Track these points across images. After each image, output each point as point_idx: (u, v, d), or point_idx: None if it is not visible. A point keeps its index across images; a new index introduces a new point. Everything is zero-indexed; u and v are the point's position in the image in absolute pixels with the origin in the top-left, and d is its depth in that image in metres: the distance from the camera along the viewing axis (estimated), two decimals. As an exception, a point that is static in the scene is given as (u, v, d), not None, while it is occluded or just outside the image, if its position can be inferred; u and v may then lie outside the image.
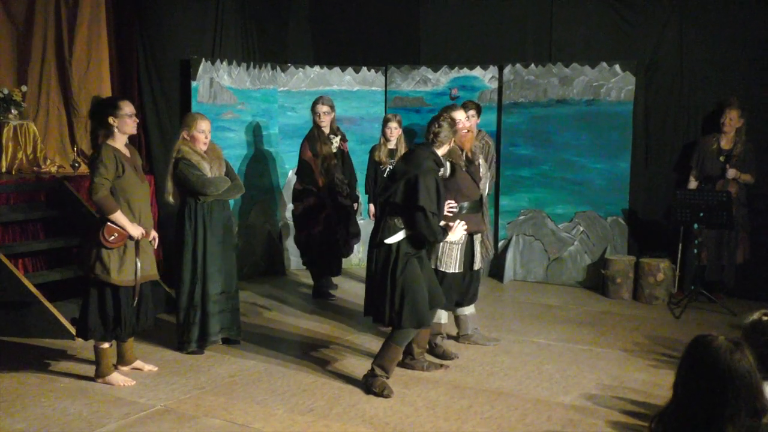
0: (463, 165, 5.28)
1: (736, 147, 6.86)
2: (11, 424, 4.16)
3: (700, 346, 2.19)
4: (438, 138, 4.77)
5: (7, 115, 6.84)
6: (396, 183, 4.69)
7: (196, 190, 5.24)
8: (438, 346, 5.40)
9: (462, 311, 5.62)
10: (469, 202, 5.30)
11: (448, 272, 5.29)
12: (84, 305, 4.77)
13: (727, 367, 2.10)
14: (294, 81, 8.43)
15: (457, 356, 5.37)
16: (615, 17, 7.68)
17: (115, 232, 4.63)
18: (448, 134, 4.79)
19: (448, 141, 4.82)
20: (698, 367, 2.16)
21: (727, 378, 2.10)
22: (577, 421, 4.28)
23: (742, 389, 2.08)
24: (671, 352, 5.55)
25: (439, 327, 5.42)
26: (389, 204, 4.70)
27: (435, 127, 4.79)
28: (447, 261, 5.28)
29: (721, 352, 2.13)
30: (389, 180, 4.85)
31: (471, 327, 5.68)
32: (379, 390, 4.61)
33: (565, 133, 7.75)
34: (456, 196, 5.20)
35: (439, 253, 5.27)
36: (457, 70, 8.25)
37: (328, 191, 6.97)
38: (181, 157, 5.23)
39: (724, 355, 2.13)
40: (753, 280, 7.07)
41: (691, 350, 2.21)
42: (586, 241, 7.74)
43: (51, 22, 7.21)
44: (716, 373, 2.11)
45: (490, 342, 5.68)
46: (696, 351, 2.19)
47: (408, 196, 4.60)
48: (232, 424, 4.21)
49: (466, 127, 5.30)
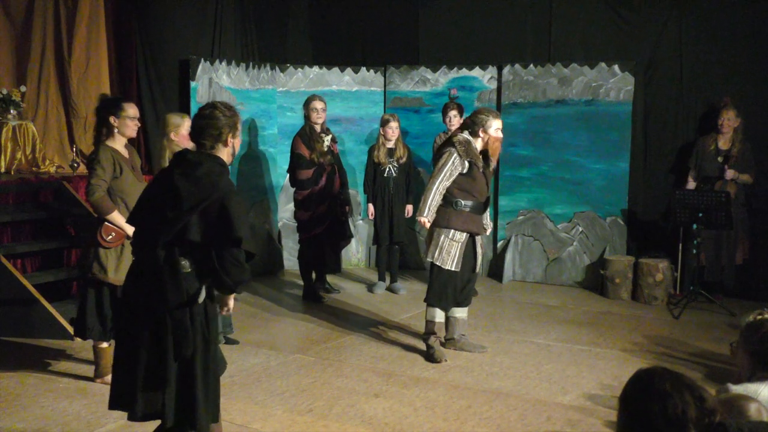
0: (481, 165, 5.27)
1: (734, 147, 6.87)
2: (10, 424, 4.16)
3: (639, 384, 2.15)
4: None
5: (6, 116, 6.82)
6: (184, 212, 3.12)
7: None
8: (431, 347, 5.32)
9: (454, 313, 5.51)
10: (474, 202, 5.28)
11: (444, 268, 5.25)
12: (82, 305, 4.77)
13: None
14: (293, 81, 8.43)
15: (447, 359, 5.28)
16: (614, 17, 7.68)
17: (112, 232, 4.65)
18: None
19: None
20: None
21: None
22: (577, 421, 4.28)
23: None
24: (670, 353, 5.56)
25: (432, 326, 5.36)
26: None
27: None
28: (445, 257, 5.24)
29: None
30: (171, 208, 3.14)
31: (458, 332, 5.56)
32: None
33: (564, 134, 7.76)
34: (465, 193, 5.22)
35: (438, 248, 5.23)
36: (456, 71, 8.25)
37: (325, 186, 6.98)
38: None
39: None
40: (752, 280, 7.08)
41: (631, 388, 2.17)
42: (585, 241, 7.74)
43: (50, 23, 7.20)
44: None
45: (476, 349, 5.55)
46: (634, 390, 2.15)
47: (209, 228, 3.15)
48: (231, 424, 4.20)
49: (500, 138, 5.34)
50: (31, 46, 7.17)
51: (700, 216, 6.49)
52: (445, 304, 5.38)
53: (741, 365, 2.98)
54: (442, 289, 5.31)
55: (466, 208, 5.25)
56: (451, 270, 5.26)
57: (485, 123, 5.27)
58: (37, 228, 6.34)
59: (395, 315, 6.57)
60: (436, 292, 5.33)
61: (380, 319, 6.28)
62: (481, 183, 5.30)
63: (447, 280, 5.29)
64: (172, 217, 3.09)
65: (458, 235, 5.23)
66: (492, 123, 5.27)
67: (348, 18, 9.06)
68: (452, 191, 5.23)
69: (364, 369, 5.16)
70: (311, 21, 9.26)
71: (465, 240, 5.28)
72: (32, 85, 7.18)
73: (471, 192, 5.25)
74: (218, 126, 3.24)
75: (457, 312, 5.52)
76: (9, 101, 6.83)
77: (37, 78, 7.21)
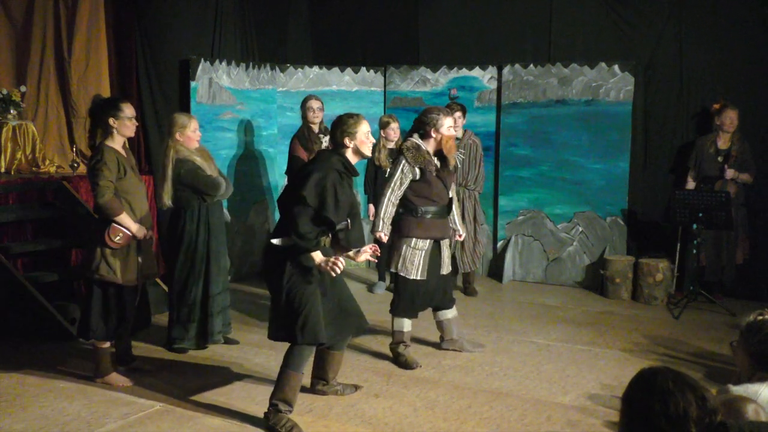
0: (434, 170, 5.09)
1: (733, 147, 6.87)
2: (10, 424, 4.16)
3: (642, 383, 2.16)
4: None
5: (6, 116, 6.83)
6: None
7: (207, 192, 5.26)
8: (401, 355, 5.24)
9: (443, 315, 5.44)
10: (436, 207, 5.15)
11: (409, 278, 5.13)
12: (86, 305, 4.77)
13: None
14: (293, 81, 8.44)
15: (420, 365, 5.18)
16: (614, 17, 7.68)
17: (120, 233, 4.65)
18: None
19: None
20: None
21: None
22: (577, 421, 4.28)
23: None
24: (670, 353, 5.56)
25: (401, 335, 5.26)
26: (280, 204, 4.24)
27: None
28: (408, 267, 5.12)
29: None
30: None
31: (456, 331, 5.49)
32: (287, 429, 4.03)
33: (564, 134, 7.76)
34: (423, 199, 5.10)
35: (401, 258, 5.13)
36: (456, 71, 8.26)
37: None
38: (184, 159, 5.22)
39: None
40: (752, 280, 7.07)
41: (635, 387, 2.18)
42: (585, 241, 7.74)
43: (50, 23, 7.20)
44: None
45: (475, 349, 5.51)
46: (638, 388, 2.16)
47: (294, 189, 4.07)
48: (232, 424, 4.21)
49: (453, 136, 5.14)
50: (31, 46, 7.17)
51: (700, 216, 6.49)
52: (411, 313, 5.27)
53: (741, 366, 2.98)
54: (408, 299, 5.20)
55: (427, 214, 5.12)
56: (416, 279, 5.15)
57: (436, 122, 5.05)
58: (38, 228, 6.34)
59: (395, 315, 6.56)
60: (403, 301, 5.22)
61: (380, 319, 6.27)
62: (438, 186, 5.14)
63: (413, 290, 5.18)
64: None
65: (420, 243, 5.11)
66: (444, 121, 5.06)
67: (348, 18, 9.06)
68: (410, 199, 5.09)
69: (364, 369, 5.16)
70: (311, 21, 9.26)
71: (429, 247, 5.15)
72: (32, 85, 7.18)
73: (429, 197, 5.11)
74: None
75: (448, 314, 5.45)
76: (9, 101, 6.83)
77: (37, 78, 7.21)
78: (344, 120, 4.24)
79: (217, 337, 5.51)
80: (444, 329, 5.50)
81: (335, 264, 3.99)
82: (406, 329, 5.27)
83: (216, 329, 5.47)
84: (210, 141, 7.12)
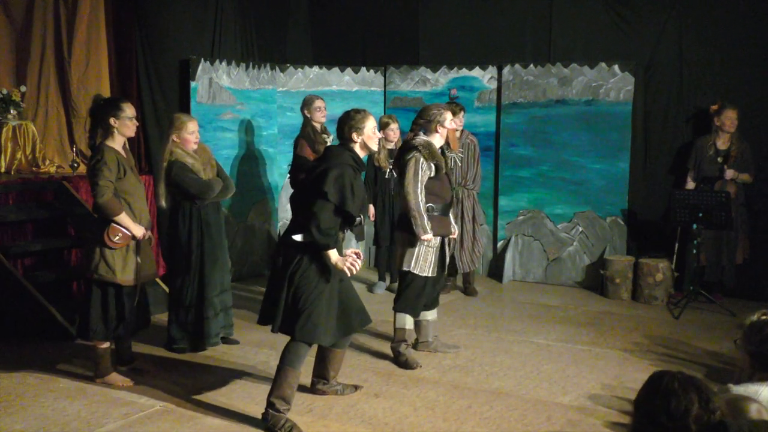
0: (443, 167, 5.14)
1: (733, 147, 6.87)
2: (10, 424, 4.16)
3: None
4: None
5: (6, 116, 6.83)
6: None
7: (195, 195, 5.25)
8: (402, 355, 5.22)
9: (424, 316, 5.42)
10: (444, 204, 5.18)
11: (422, 276, 5.13)
12: (85, 305, 4.77)
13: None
14: (293, 81, 8.43)
15: (420, 365, 5.18)
16: (614, 17, 7.68)
17: (119, 233, 4.65)
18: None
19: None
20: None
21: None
22: (577, 422, 4.28)
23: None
24: (670, 353, 5.56)
25: (403, 334, 5.25)
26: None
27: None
28: (423, 265, 5.12)
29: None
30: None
31: (431, 334, 5.48)
32: (287, 430, 4.02)
33: (564, 134, 7.76)
34: (434, 197, 5.11)
35: (415, 256, 5.11)
36: (456, 71, 8.26)
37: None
38: (174, 160, 5.22)
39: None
40: (752, 280, 7.07)
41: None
42: (585, 241, 7.74)
43: (50, 22, 7.20)
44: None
45: (450, 350, 5.49)
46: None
47: (313, 187, 4.09)
48: (232, 424, 4.21)
49: (455, 129, 5.18)
50: (31, 46, 7.17)
51: (700, 216, 6.49)
52: (415, 310, 5.27)
53: (742, 365, 2.98)
54: (415, 296, 5.20)
55: (437, 212, 5.14)
56: (429, 276, 5.16)
57: (440, 117, 5.07)
58: (37, 228, 6.34)
59: (395, 315, 6.56)
60: (409, 299, 5.20)
61: (380, 319, 6.27)
62: (446, 183, 5.20)
63: (423, 286, 5.19)
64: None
65: (433, 240, 5.12)
66: (446, 116, 5.10)
67: (348, 18, 9.06)
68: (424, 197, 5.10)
69: (364, 369, 5.16)
70: (311, 21, 9.26)
71: (438, 244, 5.18)
72: (32, 85, 7.18)
73: (440, 195, 5.14)
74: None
75: (429, 315, 5.44)
76: (9, 101, 6.83)
77: (37, 78, 7.21)
78: (351, 115, 4.28)
79: (215, 340, 5.47)
80: (421, 331, 5.47)
81: (354, 262, 4.06)
82: (408, 327, 5.29)
83: (213, 332, 5.43)
84: (210, 141, 7.11)
